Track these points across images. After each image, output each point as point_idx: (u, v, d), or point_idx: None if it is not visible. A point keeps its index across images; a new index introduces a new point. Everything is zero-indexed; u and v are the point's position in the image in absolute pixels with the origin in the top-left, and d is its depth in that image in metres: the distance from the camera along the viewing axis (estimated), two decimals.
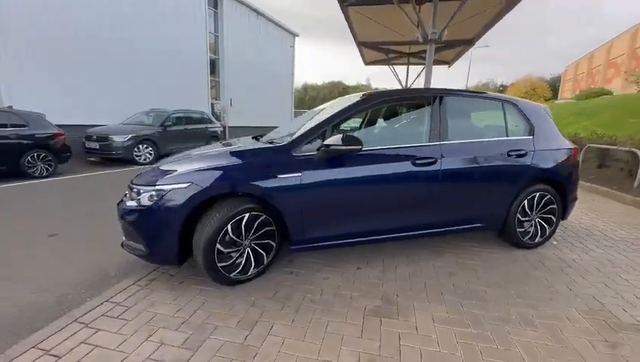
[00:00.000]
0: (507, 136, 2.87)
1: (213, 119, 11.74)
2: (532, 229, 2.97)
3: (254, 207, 2.19)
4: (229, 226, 2.12)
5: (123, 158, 8.32)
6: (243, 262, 2.25)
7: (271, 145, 2.41)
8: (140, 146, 8.71)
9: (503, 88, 75.77)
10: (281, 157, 2.27)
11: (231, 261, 2.21)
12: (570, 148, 3.07)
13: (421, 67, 20.63)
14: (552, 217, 3.00)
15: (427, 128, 2.61)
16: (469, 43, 15.46)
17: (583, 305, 2.13)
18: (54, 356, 1.58)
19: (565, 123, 12.56)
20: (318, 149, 2.29)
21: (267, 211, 2.26)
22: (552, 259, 2.82)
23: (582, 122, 12.13)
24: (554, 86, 55.04)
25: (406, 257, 2.80)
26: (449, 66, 21.65)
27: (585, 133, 8.44)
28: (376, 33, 15.35)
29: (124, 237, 2.39)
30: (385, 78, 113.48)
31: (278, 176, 2.20)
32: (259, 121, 17.54)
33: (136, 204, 2.16)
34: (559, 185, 2.97)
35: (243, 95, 16.22)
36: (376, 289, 2.28)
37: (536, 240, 3.00)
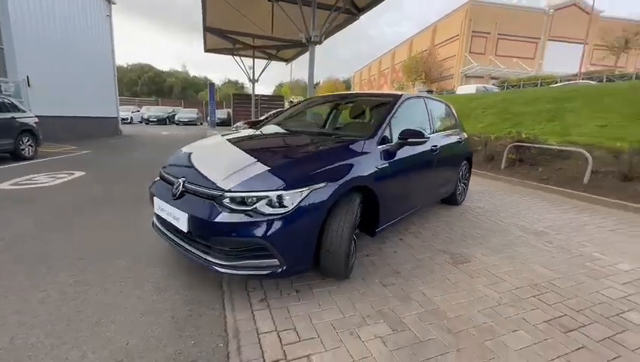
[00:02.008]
0: (452, 128, 4.14)
1: (20, 106, 8.08)
2: (462, 191, 4.45)
3: (362, 198, 2.33)
4: (355, 220, 2.18)
5: None
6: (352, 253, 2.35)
7: (361, 139, 2.53)
8: None
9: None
10: (374, 149, 2.48)
11: (352, 253, 2.27)
12: (467, 137, 4.74)
13: (264, 61, 21.52)
14: (467, 182, 4.60)
15: (427, 122, 3.44)
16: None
17: (519, 227, 3.63)
18: None
19: None
20: (382, 142, 2.63)
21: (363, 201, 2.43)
22: (475, 209, 4.38)
23: None
24: (348, 88, 69.63)
25: (414, 224, 3.59)
26: (287, 63, 23.68)
27: None
28: (228, 21, 14.84)
29: (222, 261, 1.91)
30: (205, 66, 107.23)
31: (377, 166, 2.43)
32: (75, 110, 13.23)
33: (264, 214, 1.83)
34: (470, 161, 4.58)
35: (48, 74, 11.65)
36: (433, 249, 2.95)
37: (462, 199, 4.52)
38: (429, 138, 2.74)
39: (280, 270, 1.90)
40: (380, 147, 2.57)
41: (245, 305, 1.98)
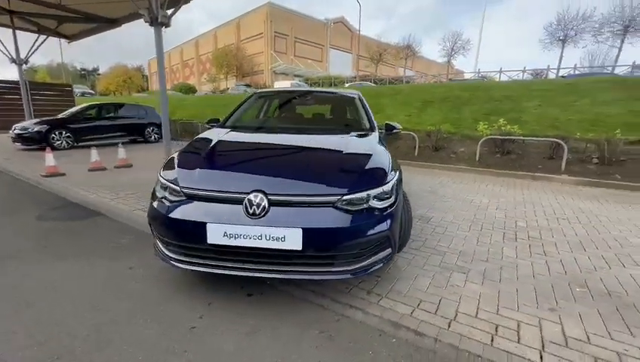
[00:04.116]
0: None
1: None
2: None
3: None
4: None
5: None
6: None
7: (374, 132, 2.82)
8: None
9: (85, 72, 70.53)
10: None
11: None
12: None
13: (35, 35, 15.80)
14: None
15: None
16: (113, 23, 14.56)
17: (422, 190, 5.01)
18: None
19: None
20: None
21: None
22: None
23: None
24: (144, 76, 59.95)
25: None
26: (69, 42, 18.19)
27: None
28: None
29: (349, 267, 1.85)
30: None
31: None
32: None
33: (377, 208, 1.92)
34: None
35: None
36: None
37: None
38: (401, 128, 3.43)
39: (388, 258, 2.05)
40: (380, 135, 3.00)
41: (366, 304, 1.99)
